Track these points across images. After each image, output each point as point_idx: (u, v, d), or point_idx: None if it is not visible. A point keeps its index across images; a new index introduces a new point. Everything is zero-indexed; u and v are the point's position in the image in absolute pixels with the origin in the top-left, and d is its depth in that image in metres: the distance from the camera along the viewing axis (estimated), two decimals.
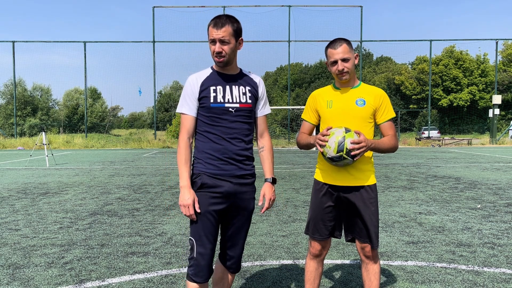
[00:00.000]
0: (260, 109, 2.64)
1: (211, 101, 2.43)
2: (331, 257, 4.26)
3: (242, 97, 2.50)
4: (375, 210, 2.70)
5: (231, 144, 2.45)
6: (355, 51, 2.80)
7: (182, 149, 2.45)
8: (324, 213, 2.76)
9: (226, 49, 2.40)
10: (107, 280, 3.67)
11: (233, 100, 2.47)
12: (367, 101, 2.67)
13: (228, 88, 2.48)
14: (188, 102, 2.47)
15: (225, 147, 2.45)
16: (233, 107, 2.46)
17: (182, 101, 2.50)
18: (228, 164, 2.46)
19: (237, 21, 2.45)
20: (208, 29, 2.44)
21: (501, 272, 3.80)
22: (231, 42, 2.41)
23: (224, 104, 2.44)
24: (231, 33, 2.40)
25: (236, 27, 2.42)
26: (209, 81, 2.47)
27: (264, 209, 2.57)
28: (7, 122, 41.29)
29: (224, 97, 2.45)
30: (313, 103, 2.83)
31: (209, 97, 2.43)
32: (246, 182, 2.54)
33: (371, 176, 2.72)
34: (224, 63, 2.44)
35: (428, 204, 7.11)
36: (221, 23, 2.38)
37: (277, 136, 33.41)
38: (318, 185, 2.81)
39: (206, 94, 2.44)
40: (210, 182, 2.44)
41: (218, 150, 2.44)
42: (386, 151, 2.70)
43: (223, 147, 2.45)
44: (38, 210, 6.74)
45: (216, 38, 2.38)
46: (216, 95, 2.44)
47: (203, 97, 2.44)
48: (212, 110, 2.43)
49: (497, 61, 35.94)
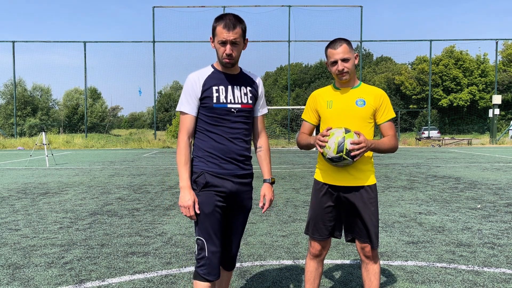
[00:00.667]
0: (258, 109, 2.63)
1: (214, 102, 2.40)
2: (331, 257, 4.26)
3: (244, 98, 2.48)
4: (375, 210, 2.70)
5: (233, 144, 2.44)
6: (355, 51, 2.80)
7: (182, 149, 2.41)
8: (324, 213, 2.76)
9: (236, 51, 2.38)
10: (107, 280, 3.67)
11: (235, 100, 2.45)
12: (367, 101, 2.67)
13: (230, 89, 2.45)
14: (189, 101, 2.43)
15: (228, 147, 2.43)
16: (235, 108, 2.44)
17: (182, 99, 2.46)
18: (230, 163, 2.45)
19: (243, 20, 2.41)
20: (215, 29, 2.37)
21: (501, 272, 3.80)
22: (241, 43, 2.39)
23: (227, 105, 2.42)
24: (241, 34, 2.37)
25: (244, 28, 2.40)
26: (211, 80, 2.43)
27: (265, 209, 2.59)
28: (7, 122, 41.27)
29: (226, 98, 2.43)
30: (313, 103, 2.83)
31: (212, 97, 2.40)
32: (246, 182, 2.54)
33: (371, 176, 2.72)
34: (233, 64, 2.42)
35: (428, 204, 7.11)
36: (233, 24, 2.32)
37: (277, 136, 33.40)
38: (318, 185, 2.81)
39: (208, 94, 2.41)
40: (213, 181, 2.42)
41: (221, 149, 2.43)
42: (386, 151, 2.70)
43: (225, 147, 2.43)
44: (38, 210, 6.74)
45: (228, 40, 2.33)
46: (219, 96, 2.41)
47: (206, 97, 2.41)
48: (214, 110, 2.41)
49: (497, 61, 35.94)
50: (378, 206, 2.82)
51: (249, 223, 5.72)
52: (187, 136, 2.43)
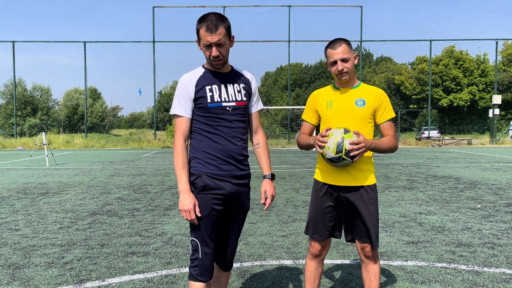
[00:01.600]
0: (253, 105, 2.61)
1: (209, 101, 2.38)
2: (331, 257, 4.26)
3: (238, 95, 2.47)
4: (375, 210, 2.70)
5: (231, 143, 2.42)
6: (355, 51, 2.80)
7: (179, 152, 2.39)
8: (324, 213, 2.76)
9: (223, 52, 2.36)
10: (107, 280, 3.67)
11: (229, 98, 2.43)
12: (367, 101, 2.68)
13: (224, 87, 2.44)
14: (182, 103, 2.41)
15: (225, 146, 2.41)
16: (230, 106, 2.43)
17: (176, 102, 2.43)
18: (229, 164, 2.43)
19: (226, 18, 2.36)
20: (198, 32, 2.34)
21: (501, 272, 3.80)
22: (226, 43, 2.36)
23: (222, 103, 2.41)
24: (225, 34, 2.33)
25: (228, 26, 2.35)
26: (203, 80, 2.42)
27: (267, 206, 2.57)
28: (7, 122, 41.26)
29: (220, 96, 2.41)
30: (313, 104, 2.83)
31: (206, 97, 2.39)
32: (245, 182, 2.54)
33: (371, 176, 2.72)
34: (222, 65, 2.41)
35: (428, 204, 7.11)
36: (215, 25, 2.28)
37: (277, 136, 33.39)
38: (318, 185, 2.81)
39: (202, 94, 2.39)
40: (211, 183, 2.40)
41: (219, 149, 2.41)
42: (385, 151, 2.71)
43: (223, 147, 2.41)
44: (38, 210, 6.74)
45: (213, 43, 2.30)
46: (213, 95, 2.40)
47: (200, 98, 2.39)
48: (210, 110, 2.39)
49: (497, 61, 35.94)
50: (378, 206, 2.82)
51: (249, 223, 5.72)
52: (183, 138, 2.41)
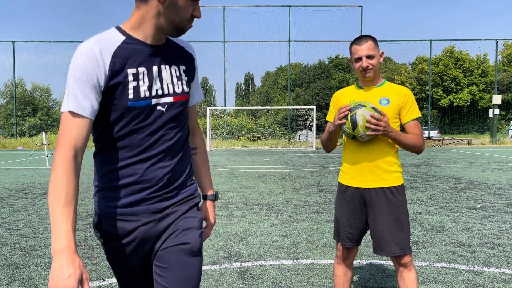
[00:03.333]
0: (192, 94, 1.71)
1: (130, 97, 1.45)
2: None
3: (177, 85, 1.57)
4: (402, 213, 2.58)
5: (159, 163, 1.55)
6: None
7: (62, 177, 1.34)
8: (349, 217, 2.66)
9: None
10: (107, 280, 3.67)
11: (165, 91, 1.53)
12: (392, 100, 2.57)
13: (156, 70, 1.51)
14: (82, 94, 1.40)
15: (149, 170, 1.54)
16: (165, 104, 1.53)
17: (69, 91, 1.41)
18: (152, 195, 1.56)
19: None
20: None
21: (501, 272, 3.80)
22: None
23: (151, 101, 1.50)
24: None
25: None
26: (123, 55, 1.45)
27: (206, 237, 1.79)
28: (7, 122, 41.27)
29: (150, 88, 1.49)
30: (336, 104, 2.72)
31: (126, 89, 1.45)
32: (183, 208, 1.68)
33: (397, 176, 2.59)
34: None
35: (428, 204, 7.11)
36: None
37: (277, 136, 33.41)
38: (341, 188, 2.71)
39: (120, 80, 1.43)
40: (116, 230, 1.56)
41: (136, 175, 1.53)
42: (408, 148, 2.56)
43: (145, 171, 1.53)
44: (38, 210, 6.74)
45: None
46: (138, 85, 1.47)
47: (115, 88, 1.44)
48: (130, 112, 1.47)
49: (497, 61, 35.96)
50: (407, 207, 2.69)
51: (249, 223, 5.71)
52: (73, 152, 1.38)
